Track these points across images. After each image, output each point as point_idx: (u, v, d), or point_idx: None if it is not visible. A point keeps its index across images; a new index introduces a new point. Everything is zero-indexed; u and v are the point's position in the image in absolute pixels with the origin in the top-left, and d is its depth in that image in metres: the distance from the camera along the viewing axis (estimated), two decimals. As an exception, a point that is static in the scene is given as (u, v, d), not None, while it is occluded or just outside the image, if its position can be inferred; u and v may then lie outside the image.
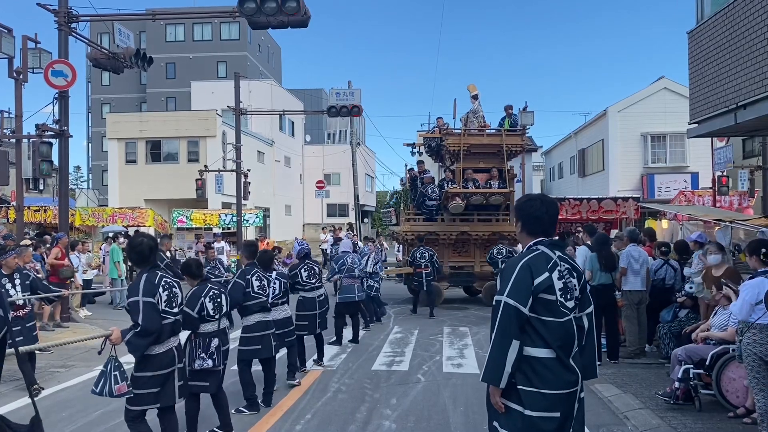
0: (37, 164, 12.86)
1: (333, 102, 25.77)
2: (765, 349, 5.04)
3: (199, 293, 5.47)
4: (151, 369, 4.55)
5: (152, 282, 4.53)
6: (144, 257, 4.67)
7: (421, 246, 13.67)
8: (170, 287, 4.67)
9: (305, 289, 8.27)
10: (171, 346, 4.66)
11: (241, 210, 22.94)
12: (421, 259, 13.28)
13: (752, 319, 5.20)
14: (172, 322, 4.67)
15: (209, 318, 5.49)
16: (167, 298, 4.61)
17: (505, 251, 13.04)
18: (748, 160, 19.19)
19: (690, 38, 11.31)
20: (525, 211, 3.40)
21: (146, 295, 4.43)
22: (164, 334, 4.57)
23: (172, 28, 48.21)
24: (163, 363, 4.59)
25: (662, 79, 26.93)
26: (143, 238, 4.81)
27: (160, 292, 4.54)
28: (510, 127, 15.33)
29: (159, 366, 4.57)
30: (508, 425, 3.17)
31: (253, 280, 6.54)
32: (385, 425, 5.96)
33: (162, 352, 4.59)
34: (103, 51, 13.37)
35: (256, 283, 6.56)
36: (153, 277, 4.58)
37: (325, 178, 39.33)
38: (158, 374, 4.57)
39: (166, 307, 4.59)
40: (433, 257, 13.42)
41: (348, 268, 10.22)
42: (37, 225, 22.79)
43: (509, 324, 3.10)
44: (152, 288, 4.49)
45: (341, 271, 10.21)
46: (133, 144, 32.35)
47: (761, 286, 5.17)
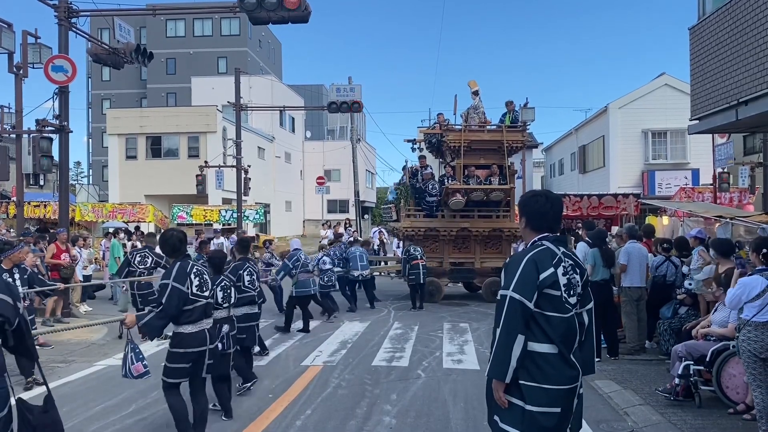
0: (37, 160, 12.84)
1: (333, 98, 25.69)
2: (759, 347, 5.07)
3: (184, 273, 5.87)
4: (183, 346, 4.95)
5: (184, 269, 4.95)
6: (175, 248, 5.14)
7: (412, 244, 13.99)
8: (201, 274, 5.10)
9: None
10: (203, 327, 5.06)
11: (242, 206, 22.95)
12: (416, 252, 13.39)
13: (746, 316, 5.22)
14: (204, 304, 5.07)
15: (217, 305, 5.89)
16: (198, 283, 5.02)
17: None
18: (749, 156, 19.18)
19: (691, 34, 11.29)
20: (530, 207, 3.40)
21: (177, 280, 4.86)
22: (195, 315, 4.98)
23: (172, 23, 48.17)
24: (195, 342, 4.98)
25: (663, 76, 26.90)
26: (173, 231, 5.35)
27: (191, 278, 4.96)
28: (511, 123, 15.30)
29: (191, 344, 4.96)
30: (509, 420, 3.17)
31: (244, 274, 6.97)
32: (385, 421, 5.96)
33: (194, 331, 4.98)
34: (103, 46, 13.35)
35: (246, 277, 6.97)
36: (186, 265, 5.02)
37: (325, 174, 39.33)
38: (190, 351, 4.96)
39: (197, 291, 5.00)
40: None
41: (303, 264, 10.85)
42: (38, 220, 22.77)
43: (515, 319, 3.10)
44: (184, 275, 4.91)
45: (296, 266, 10.78)
46: (134, 139, 32.36)
47: (754, 283, 5.19)
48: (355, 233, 24.69)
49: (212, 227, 23.95)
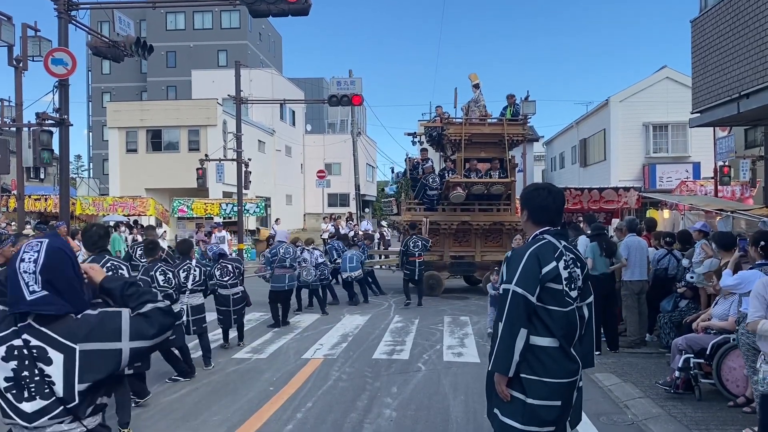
0: (37, 153, 12.83)
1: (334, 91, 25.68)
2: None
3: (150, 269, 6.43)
4: None
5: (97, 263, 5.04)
6: (94, 243, 5.29)
7: (414, 235, 13.60)
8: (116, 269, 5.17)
9: (219, 287, 8.84)
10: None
11: (242, 199, 22.93)
12: (414, 248, 13.10)
13: (746, 309, 5.23)
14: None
15: None
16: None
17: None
18: (750, 150, 19.12)
19: (693, 27, 11.25)
20: (532, 201, 3.39)
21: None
22: None
23: (172, 16, 48.03)
24: None
25: (664, 69, 26.83)
26: (95, 225, 5.62)
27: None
28: (511, 117, 15.27)
29: None
30: (509, 413, 3.18)
31: (156, 275, 6.96)
32: (385, 413, 5.98)
33: None
34: (103, 39, 13.32)
35: (160, 277, 6.97)
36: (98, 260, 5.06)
37: (325, 168, 39.29)
38: None
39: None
40: (426, 246, 13.35)
41: (280, 259, 10.71)
42: (38, 214, 22.82)
43: (517, 313, 3.10)
44: None
45: (273, 261, 10.70)
46: (134, 133, 32.33)
47: (753, 278, 5.19)
48: (356, 227, 24.71)
49: (213, 221, 23.96)
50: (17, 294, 2.09)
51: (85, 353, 2.08)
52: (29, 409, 2.07)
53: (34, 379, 2.07)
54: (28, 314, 2.12)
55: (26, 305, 2.09)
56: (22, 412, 2.07)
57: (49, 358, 2.08)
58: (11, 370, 2.08)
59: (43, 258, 2.12)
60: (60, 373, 2.07)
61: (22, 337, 2.10)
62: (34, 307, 2.09)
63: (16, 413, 2.08)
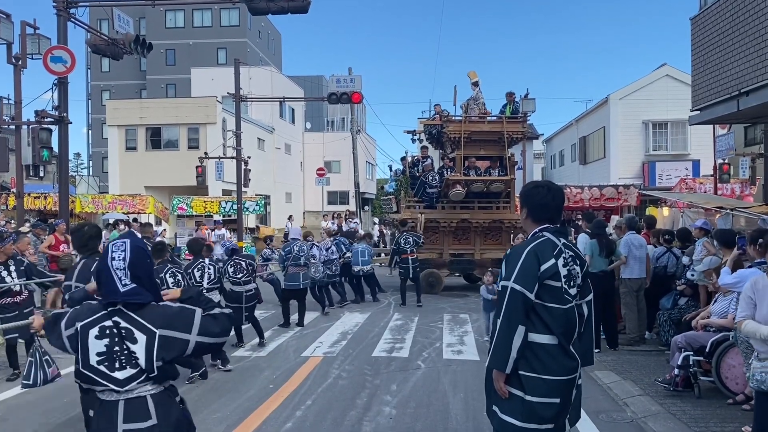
0: (36, 151, 12.82)
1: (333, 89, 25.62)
2: None
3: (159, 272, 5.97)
4: None
5: (89, 267, 4.71)
6: (83, 244, 4.96)
7: (406, 231, 13.34)
8: None
9: (232, 283, 8.71)
10: None
11: (242, 197, 22.93)
12: (406, 245, 12.79)
13: None
14: None
15: None
16: None
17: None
18: (750, 147, 19.11)
19: (693, 24, 11.24)
20: (531, 198, 3.39)
21: (80, 280, 4.59)
22: None
23: (171, 14, 47.98)
24: None
25: (664, 66, 26.81)
26: (86, 225, 5.17)
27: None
28: (511, 114, 15.27)
29: None
30: (508, 410, 3.18)
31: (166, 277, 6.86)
32: (385, 411, 5.98)
33: None
34: (102, 37, 13.30)
35: (170, 279, 6.90)
36: (91, 264, 4.74)
37: (325, 166, 39.21)
38: None
39: None
40: (419, 242, 13.10)
41: (294, 257, 10.48)
42: (38, 212, 22.81)
43: (516, 310, 3.10)
44: (87, 273, 4.64)
45: (287, 258, 10.49)
46: (133, 131, 32.30)
47: (751, 276, 5.19)
48: (357, 225, 24.69)
49: (212, 218, 23.96)
50: (112, 286, 2.60)
51: (162, 337, 2.59)
52: (121, 376, 2.58)
53: (123, 353, 2.58)
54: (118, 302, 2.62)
55: (120, 296, 2.59)
56: (115, 379, 2.58)
57: (134, 338, 2.59)
58: (104, 346, 2.59)
59: (129, 255, 2.63)
60: (143, 350, 2.58)
61: (112, 319, 2.60)
62: (127, 297, 2.60)
63: (109, 380, 2.58)
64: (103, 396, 2.64)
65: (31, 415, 5.93)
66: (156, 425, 2.62)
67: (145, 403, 2.63)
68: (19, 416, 5.92)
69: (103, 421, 2.64)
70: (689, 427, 5.24)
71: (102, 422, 2.64)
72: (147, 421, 2.61)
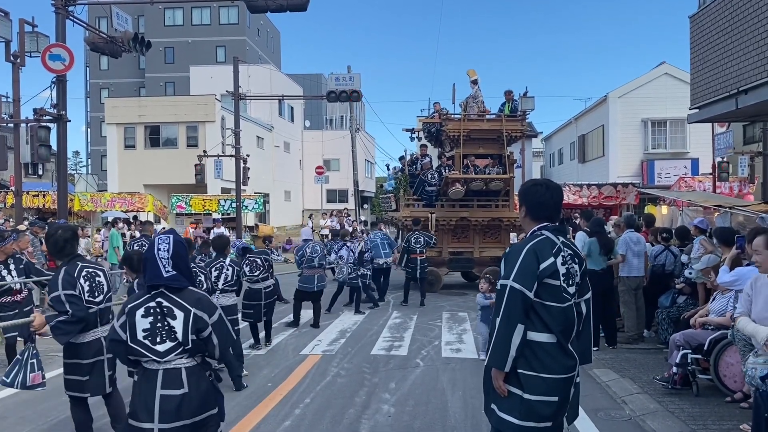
0: (35, 149, 12.78)
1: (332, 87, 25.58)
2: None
3: None
4: (75, 357, 4.54)
5: (71, 274, 4.44)
6: (59, 249, 4.60)
7: (416, 230, 13.01)
8: (93, 277, 4.59)
9: (251, 282, 8.56)
10: (99, 336, 4.59)
11: (241, 195, 22.90)
12: (416, 245, 12.64)
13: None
14: (96, 312, 4.58)
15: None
16: (90, 287, 4.52)
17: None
18: (749, 146, 19.14)
19: (692, 23, 11.24)
20: (530, 196, 3.39)
21: (66, 288, 4.34)
22: (89, 324, 4.51)
23: (170, 12, 47.92)
24: (88, 353, 4.55)
25: (663, 65, 26.81)
26: (59, 228, 4.73)
27: (81, 283, 4.44)
28: (510, 113, 15.26)
29: (84, 355, 4.54)
30: (507, 408, 3.18)
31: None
32: (383, 409, 5.98)
33: (87, 341, 4.55)
34: (101, 35, 13.27)
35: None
36: (72, 269, 4.48)
37: (324, 164, 39.22)
38: (83, 363, 4.54)
39: (89, 297, 4.50)
40: (429, 242, 12.94)
41: (308, 258, 10.30)
42: (36, 210, 22.74)
43: (515, 308, 3.10)
44: (71, 280, 4.40)
45: (301, 261, 10.35)
46: (132, 129, 32.26)
47: (750, 275, 5.20)
48: (355, 223, 24.67)
49: (211, 217, 23.93)
50: (157, 272, 3.23)
51: (195, 315, 3.22)
52: (162, 348, 3.18)
53: (165, 328, 3.19)
54: (161, 285, 3.24)
55: (163, 280, 3.23)
56: (156, 351, 3.18)
57: (174, 315, 3.21)
58: (148, 323, 3.19)
59: (172, 247, 3.28)
60: (181, 325, 3.20)
61: (156, 300, 3.22)
62: (169, 281, 3.23)
63: (152, 352, 3.18)
64: (146, 365, 3.23)
65: (29, 414, 5.93)
66: (187, 393, 3.18)
67: (179, 373, 3.20)
68: (18, 414, 5.92)
69: (145, 385, 3.21)
70: (687, 425, 5.25)
71: (144, 386, 3.21)
72: (180, 389, 3.18)
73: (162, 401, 3.14)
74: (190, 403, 3.18)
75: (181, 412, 3.15)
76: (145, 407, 3.16)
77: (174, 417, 3.14)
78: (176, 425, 3.15)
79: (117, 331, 3.25)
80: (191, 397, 3.18)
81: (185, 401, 3.16)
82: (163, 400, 3.14)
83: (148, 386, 3.18)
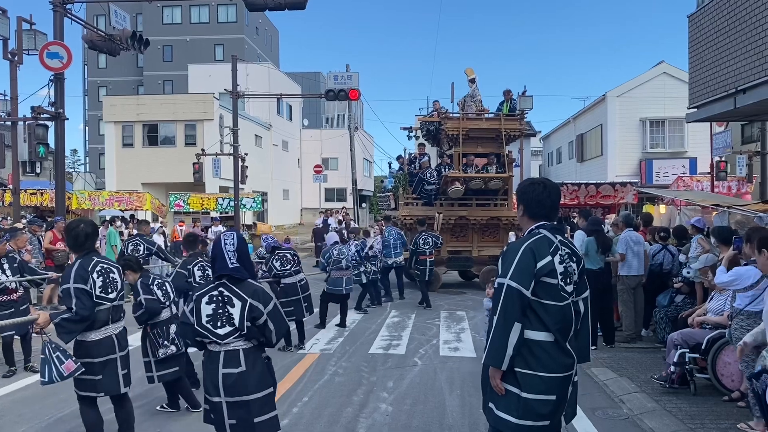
0: (33, 147, 12.78)
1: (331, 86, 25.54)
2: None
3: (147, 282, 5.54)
4: (87, 356, 4.50)
5: (85, 268, 4.42)
6: (79, 243, 4.58)
7: (424, 231, 12.84)
8: (107, 273, 4.55)
9: (284, 276, 8.51)
10: (110, 334, 4.59)
11: (239, 194, 22.89)
12: (425, 246, 12.48)
13: (739, 305, 5.26)
14: (109, 308, 4.56)
15: (161, 305, 5.53)
16: (102, 283, 4.47)
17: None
18: (747, 145, 19.18)
19: (690, 22, 11.24)
20: (527, 195, 3.39)
21: (77, 281, 4.34)
22: (99, 321, 4.49)
23: (168, 10, 47.83)
24: (100, 351, 4.53)
25: (662, 64, 26.80)
26: (81, 222, 4.73)
27: (93, 278, 4.42)
28: (508, 112, 15.26)
29: (95, 353, 4.51)
30: (505, 407, 3.18)
31: (195, 269, 6.71)
32: (381, 408, 5.98)
33: (98, 339, 4.52)
34: (99, 33, 13.26)
35: (198, 272, 6.69)
36: (87, 263, 4.47)
37: (322, 163, 39.24)
38: (95, 362, 4.50)
39: (102, 293, 4.46)
40: (437, 243, 12.82)
41: (335, 260, 10.17)
42: (34, 208, 22.71)
43: (512, 306, 3.11)
44: (84, 274, 4.38)
45: (329, 263, 10.18)
46: (130, 127, 32.22)
47: (748, 274, 5.21)
48: (351, 221, 24.65)
49: (209, 215, 23.91)
50: (224, 263, 3.70)
51: (251, 304, 3.64)
52: (222, 332, 3.66)
53: (225, 315, 3.65)
54: (224, 276, 3.70)
55: (228, 270, 3.69)
56: (217, 335, 3.65)
57: (233, 304, 3.65)
58: (211, 309, 3.66)
59: (236, 242, 3.77)
60: (238, 313, 3.64)
61: (218, 290, 3.68)
62: (233, 272, 3.70)
63: (213, 335, 3.65)
64: (210, 347, 3.72)
65: (27, 413, 5.92)
66: (244, 372, 3.65)
67: (238, 354, 3.67)
68: (15, 413, 5.91)
69: (210, 365, 3.71)
70: (685, 424, 5.25)
71: (209, 366, 3.72)
72: (238, 367, 3.65)
73: (224, 378, 3.63)
74: (248, 381, 3.64)
75: (241, 388, 3.62)
76: (212, 383, 3.68)
77: (235, 392, 3.63)
78: (238, 399, 3.64)
79: (186, 315, 3.75)
80: (248, 375, 3.64)
81: (243, 378, 3.63)
82: (225, 377, 3.63)
83: (212, 366, 3.69)
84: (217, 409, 3.70)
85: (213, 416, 3.74)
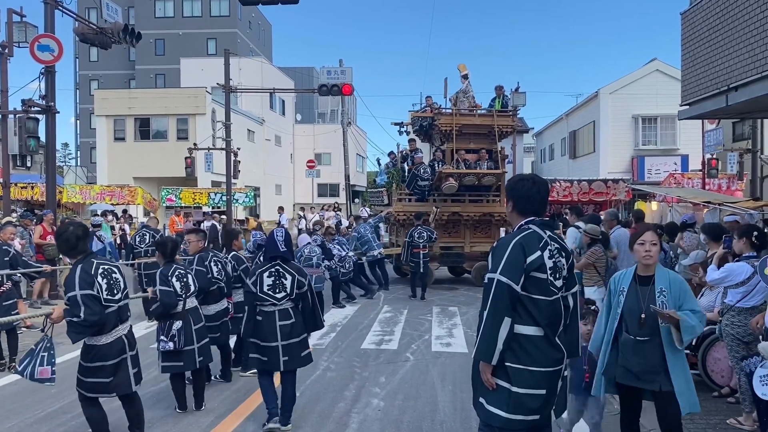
0: (23, 140, 12.69)
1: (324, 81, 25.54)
2: (743, 331, 5.16)
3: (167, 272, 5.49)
4: (98, 360, 4.44)
5: (87, 272, 4.33)
6: (72, 246, 4.46)
7: (418, 225, 13.05)
8: (109, 273, 4.47)
9: None
10: (120, 335, 4.54)
11: (231, 189, 22.80)
12: (420, 240, 12.67)
13: (730, 301, 5.29)
14: (116, 309, 4.50)
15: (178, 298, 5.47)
16: (107, 285, 4.40)
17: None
18: (738, 143, 19.27)
19: (683, 19, 11.27)
20: (516, 191, 3.40)
21: (83, 288, 4.24)
22: (109, 323, 4.43)
23: (161, 3, 47.59)
24: (112, 353, 4.47)
25: (654, 61, 26.90)
26: (70, 225, 4.58)
27: (98, 281, 4.33)
28: (501, 108, 15.25)
29: (107, 356, 4.46)
30: (495, 401, 3.19)
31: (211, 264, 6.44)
32: (373, 403, 5.99)
33: (109, 342, 4.46)
34: (90, 26, 13.15)
35: (214, 268, 6.46)
36: (89, 266, 4.37)
37: (315, 158, 39.12)
38: (107, 365, 4.46)
39: (108, 295, 4.39)
40: (432, 237, 12.96)
41: (306, 257, 10.34)
42: (25, 202, 22.58)
43: (502, 301, 3.12)
44: (89, 278, 4.29)
45: (301, 262, 10.16)
46: (122, 121, 32.06)
47: (740, 270, 5.23)
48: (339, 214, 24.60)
49: (201, 210, 23.82)
50: (276, 249, 5.24)
51: (297, 279, 5.23)
52: (279, 296, 5.16)
53: (280, 285, 5.17)
54: (277, 257, 5.23)
55: (280, 253, 5.23)
56: (276, 298, 5.15)
57: (286, 277, 5.20)
58: (271, 281, 5.14)
59: (284, 234, 5.40)
60: (289, 284, 5.19)
61: (275, 267, 5.20)
62: (283, 254, 5.25)
63: (273, 299, 5.14)
64: (265, 308, 5.15)
65: (17, 407, 5.89)
66: (294, 322, 5.21)
67: (289, 311, 5.21)
68: (5, 407, 5.88)
69: (267, 321, 5.12)
70: (674, 420, 5.26)
71: (266, 321, 5.12)
72: (290, 320, 5.19)
73: (281, 328, 5.11)
74: (297, 328, 5.19)
75: (293, 333, 5.16)
76: (271, 333, 5.07)
77: (288, 336, 5.12)
78: (290, 342, 5.13)
79: (249, 286, 5.15)
80: (297, 324, 5.22)
81: (294, 327, 5.17)
82: (282, 328, 5.11)
83: (269, 321, 5.11)
84: (273, 351, 5.07)
85: (267, 358, 5.09)
